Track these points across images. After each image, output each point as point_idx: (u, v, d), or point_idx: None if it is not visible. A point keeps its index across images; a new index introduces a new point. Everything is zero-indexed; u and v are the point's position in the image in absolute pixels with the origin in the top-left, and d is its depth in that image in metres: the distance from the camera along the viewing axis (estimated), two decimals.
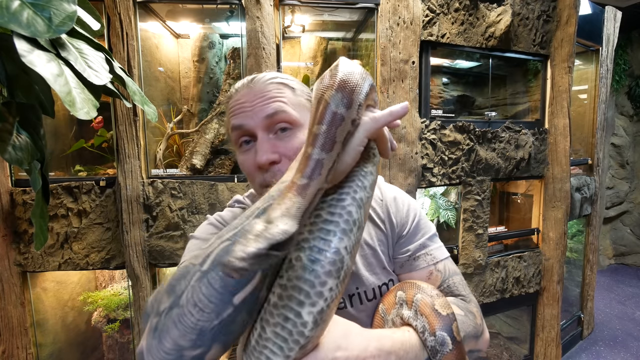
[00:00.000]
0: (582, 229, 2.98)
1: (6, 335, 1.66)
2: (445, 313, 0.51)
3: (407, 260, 0.64)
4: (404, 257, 0.64)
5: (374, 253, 0.65)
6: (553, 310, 2.38)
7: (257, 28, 1.60)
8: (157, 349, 0.35)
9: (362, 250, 0.65)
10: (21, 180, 1.66)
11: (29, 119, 0.67)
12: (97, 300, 1.96)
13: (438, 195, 2.43)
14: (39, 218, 0.71)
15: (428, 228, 0.67)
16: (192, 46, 2.04)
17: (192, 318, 0.34)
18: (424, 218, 0.69)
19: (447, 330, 0.49)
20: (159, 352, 0.35)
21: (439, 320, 0.50)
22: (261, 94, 0.54)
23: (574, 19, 2.16)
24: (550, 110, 2.33)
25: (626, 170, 4.63)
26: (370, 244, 0.65)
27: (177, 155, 1.90)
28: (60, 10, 0.52)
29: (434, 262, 0.63)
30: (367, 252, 0.65)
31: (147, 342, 0.36)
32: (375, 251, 0.65)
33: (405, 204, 0.68)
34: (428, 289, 0.55)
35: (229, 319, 0.34)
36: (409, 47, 1.81)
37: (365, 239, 0.65)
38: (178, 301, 0.35)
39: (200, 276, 0.34)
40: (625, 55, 4.32)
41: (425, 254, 0.64)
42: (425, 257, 0.63)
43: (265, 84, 0.56)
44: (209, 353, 0.35)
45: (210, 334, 0.34)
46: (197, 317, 0.34)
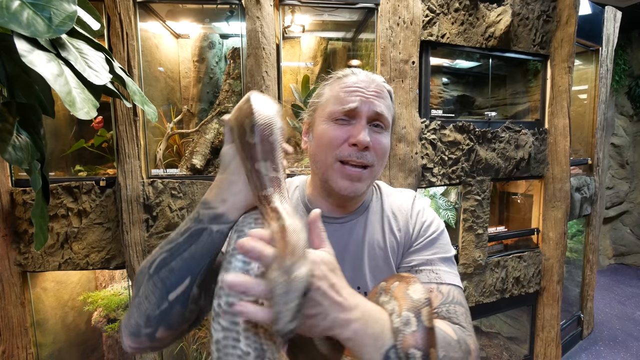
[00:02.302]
0: (582, 229, 2.98)
1: (6, 335, 1.66)
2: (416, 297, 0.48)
3: (409, 271, 0.62)
4: (406, 267, 0.63)
5: (385, 258, 0.65)
6: (553, 310, 2.38)
7: (257, 28, 1.60)
8: (126, 324, 0.48)
9: (372, 252, 0.65)
10: (21, 180, 1.66)
11: (29, 119, 0.67)
12: (97, 300, 1.96)
13: (438, 195, 2.43)
14: (39, 218, 0.71)
15: (445, 250, 0.64)
16: (192, 46, 2.04)
17: (143, 307, 0.46)
18: (445, 240, 0.66)
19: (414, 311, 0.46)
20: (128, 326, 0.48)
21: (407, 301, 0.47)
22: (379, 90, 0.62)
23: (574, 19, 2.16)
24: (550, 110, 2.33)
25: (626, 170, 4.63)
26: (383, 248, 0.65)
27: (177, 155, 1.90)
28: (60, 10, 0.52)
29: (438, 281, 0.59)
30: (377, 254, 0.65)
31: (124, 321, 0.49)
32: (387, 257, 0.65)
33: (428, 218, 0.68)
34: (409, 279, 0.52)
35: (167, 310, 0.46)
36: (409, 47, 1.81)
37: (378, 242, 0.66)
38: (139, 293, 0.48)
39: (148, 278, 0.47)
40: (625, 55, 4.32)
41: (430, 270, 0.61)
42: (428, 274, 0.61)
43: (380, 84, 0.64)
44: (157, 332, 0.47)
45: (155, 320, 0.46)
46: (146, 306, 0.46)
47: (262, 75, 1.62)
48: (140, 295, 0.47)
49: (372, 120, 0.61)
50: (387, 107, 0.62)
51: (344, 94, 0.61)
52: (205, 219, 0.48)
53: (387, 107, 0.63)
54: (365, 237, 0.67)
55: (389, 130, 0.64)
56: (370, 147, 0.59)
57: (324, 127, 0.62)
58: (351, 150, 0.59)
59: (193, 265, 0.47)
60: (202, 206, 0.49)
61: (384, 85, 0.65)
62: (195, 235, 0.47)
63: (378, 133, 0.62)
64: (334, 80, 0.66)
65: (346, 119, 0.61)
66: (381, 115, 0.61)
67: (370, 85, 0.62)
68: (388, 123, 0.63)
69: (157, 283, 0.46)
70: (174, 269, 0.46)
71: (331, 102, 0.63)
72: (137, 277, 0.50)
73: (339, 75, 0.66)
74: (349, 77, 0.63)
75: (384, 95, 0.63)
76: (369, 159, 0.60)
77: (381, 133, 0.62)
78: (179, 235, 0.48)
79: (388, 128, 0.64)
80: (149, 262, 0.48)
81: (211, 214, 0.48)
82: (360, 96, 0.60)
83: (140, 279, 0.48)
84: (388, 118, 0.63)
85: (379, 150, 0.61)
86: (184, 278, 0.46)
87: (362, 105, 0.60)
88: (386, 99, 0.63)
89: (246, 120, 0.46)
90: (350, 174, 0.60)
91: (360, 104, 0.60)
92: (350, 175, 0.60)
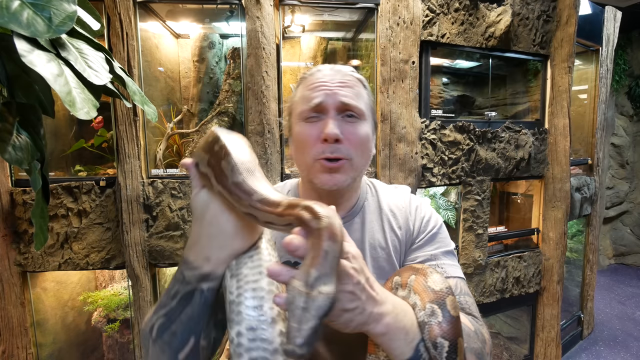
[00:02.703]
0: (582, 229, 2.98)
1: (6, 335, 1.66)
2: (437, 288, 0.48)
3: None
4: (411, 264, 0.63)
5: (388, 258, 0.64)
6: (553, 310, 2.38)
7: (257, 28, 1.60)
8: None
9: (374, 253, 0.65)
10: (21, 180, 1.66)
11: (29, 119, 0.67)
12: (97, 300, 1.96)
13: (438, 195, 2.43)
14: (39, 218, 0.71)
15: (445, 243, 0.65)
16: (192, 46, 2.04)
17: None
18: (444, 234, 0.67)
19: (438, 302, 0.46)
20: None
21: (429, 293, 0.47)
22: (344, 80, 0.61)
23: (574, 19, 2.16)
24: (550, 110, 2.33)
25: (626, 170, 4.63)
26: (385, 248, 0.64)
27: (177, 155, 1.90)
28: (60, 10, 0.52)
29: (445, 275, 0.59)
30: (380, 255, 0.64)
31: None
32: (390, 257, 0.64)
33: (426, 214, 0.67)
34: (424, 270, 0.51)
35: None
36: (409, 47, 1.81)
37: (380, 242, 0.65)
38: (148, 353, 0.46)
39: (152, 342, 0.45)
40: (625, 55, 4.32)
41: (435, 265, 0.61)
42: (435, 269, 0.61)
43: (346, 74, 0.62)
44: None
45: None
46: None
47: (262, 75, 1.62)
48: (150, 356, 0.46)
49: (342, 111, 0.59)
50: (356, 95, 0.60)
51: (309, 92, 0.61)
52: (192, 280, 0.45)
53: (357, 95, 0.61)
54: (365, 238, 0.66)
55: (365, 119, 0.62)
56: (342, 139, 0.58)
57: (298, 128, 0.62)
58: (324, 146, 0.58)
59: (193, 325, 0.45)
60: (185, 267, 0.46)
61: (352, 75, 0.63)
62: (186, 298, 0.45)
63: (351, 123, 0.60)
64: (301, 80, 0.66)
65: (316, 116, 0.60)
66: (349, 105, 0.59)
67: (334, 77, 0.61)
68: (361, 111, 0.60)
69: (163, 347, 0.45)
70: (176, 333, 0.44)
71: (300, 102, 0.63)
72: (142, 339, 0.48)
73: (305, 75, 0.65)
74: (314, 75, 0.63)
75: (352, 84, 0.61)
76: (343, 152, 0.58)
77: (354, 123, 0.60)
78: (170, 299, 0.45)
79: (363, 117, 0.61)
80: (148, 326, 0.46)
81: (197, 275, 0.45)
82: (324, 90, 0.59)
83: (145, 342, 0.47)
84: (359, 106, 0.60)
85: (354, 140, 0.59)
86: (188, 338, 0.45)
87: (327, 99, 0.59)
88: (355, 87, 0.61)
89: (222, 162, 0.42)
90: (328, 167, 0.58)
91: (324, 97, 0.59)
92: (328, 168, 0.59)
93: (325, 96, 0.59)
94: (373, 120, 0.66)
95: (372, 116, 0.66)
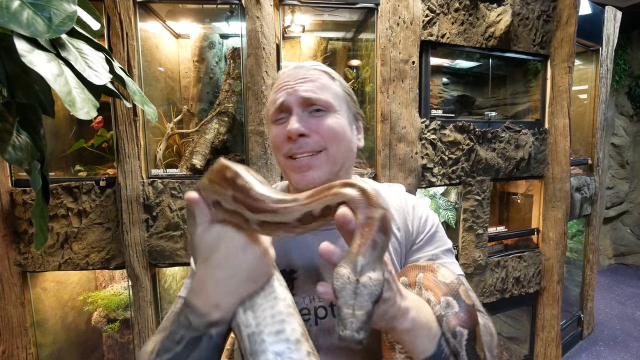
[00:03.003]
0: (582, 229, 2.98)
1: (6, 335, 1.66)
2: (448, 280, 0.48)
3: None
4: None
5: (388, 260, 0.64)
6: (553, 310, 2.38)
7: (257, 28, 1.60)
8: None
9: None
10: (21, 180, 1.66)
11: (29, 119, 0.67)
12: (97, 300, 1.96)
13: (438, 195, 2.43)
14: (39, 218, 0.71)
15: (444, 242, 0.65)
16: (192, 46, 2.04)
17: None
18: (442, 232, 0.67)
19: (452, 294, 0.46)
20: None
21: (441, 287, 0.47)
22: (304, 76, 0.60)
23: (574, 19, 2.16)
24: (550, 110, 2.33)
25: (626, 170, 4.63)
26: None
27: (177, 155, 1.90)
28: (60, 10, 0.52)
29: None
30: None
31: None
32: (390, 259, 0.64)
33: (424, 213, 0.67)
34: (431, 266, 0.52)
35: None
36: (409, 47, 1.81)
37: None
38: None
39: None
40: (625, 55, 4.32)
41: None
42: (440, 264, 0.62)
43: (309, 69, 0.61)
44: None
45: None
46: None
47: (262, 75, 1.62)
48: None
49: (307, 106, 0.58)
50: (320, 88, 0.59)
51: (274, 94, 0.61)
52: (200, 327, 0.42)
53: (321, 87, 0.59)
54: None
55: (335, 110, 0.60)
56: (307, 133, 0.57)
57: (271, 132, 0.62)
58: (290, 144, 0.58)
59: None
60: (191, 313, 0.43)
61: (316, 68, 0.62)
62: (193, 344, 0.42)
63: (319, 117, 0.58)
64: (271, 85, 0.66)
65: (284, 117, 0.60)
66: (310, 99, 0.57)
67: (297, 74, 0.60)
68: (327, 103, 0.59)
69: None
70: None
71: (269, 106, 0.63)
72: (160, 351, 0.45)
73: (273, 79, 0.65)
74: (279, 77, 0.63)
75: (314, 77, 0.60)
76: (312, 145, 0.57)
77: (323, 115, 0.58)
78: (175, 343, 0.42)
79: (332, 108, 0.59)
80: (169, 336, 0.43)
81: (205, 322, 0.42)
82: (286, 89, 0.59)
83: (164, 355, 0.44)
84: (325, 98, 0.58)
85: (324, 132, 0.58)
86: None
87: (288, 97, 0.58)
88: (318, 80, 0.60)
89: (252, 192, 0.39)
90: (297, 166, 0.58)
91: (286, 96, 0.58)
92: (298, 167, 0.58)
93: (287, 95, 0.58)
94: (350, 111, 0.64)
95: (347, 107, 0.63)
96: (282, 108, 0.59)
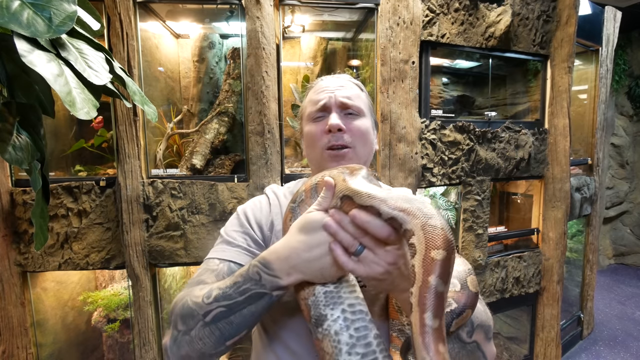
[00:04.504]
0: (582, 229, 2.98)
1: (6, 335, 1.66)
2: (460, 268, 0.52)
3: None
4: None
5: None
6: (553, 310, 2.38)
7: (257, 28, 1.60)
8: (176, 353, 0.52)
9: None
10: (21, 180, 1.66)
11: (29, 119, 0.67)
12: (97, 300, 1.96)
13: (438, 195, 2.43)
14: (39, 218, 0.71)
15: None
16: (192, 46, 2.04)
17: (197, 346, 0.50)
18: None
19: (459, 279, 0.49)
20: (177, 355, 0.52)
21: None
22: (343, 84, 0.72)
23: (573, 19, 2.16)
24: (550, 110, 2.33)
25: (626, 170, 4.63)
26: None
27: (177, 155, 1.90)
28: (60, 10, 0.52)
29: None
30: None
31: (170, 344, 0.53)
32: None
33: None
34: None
35: (222, 351, 0.51)
36: (409, 47, 1.81)
37: None
38: (189, 332, 0.51)
39: (203, 325, 0.50)
40: (625, 55, 4.32)
41: None
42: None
43: (346, 79, 0.74)
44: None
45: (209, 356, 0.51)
46: (200, 346, 0.50)
47: (262, 75, 1.62)
48: (192, 336, 0.50)
49: (343, 109, 0.69)
50: (354, 95, 0.71)
51: (315, 96, 0.72)
52: (268, 285, 0.49)
53: (355, 95, 0.71)
54: None
55: (364, 115, 0.71)
56: (344, 129, 0.67)
57: (307, 128, 0.72)
58: (329, 136, 0.68)
59: (251, 321, 0.50)
60: (264, 270, 0.49)
61: (351, 80, 0.75)
62: (255, 298, 0.49)
63: (351, 118, 0.70)
64: (309, 89, 0.77)
65: (322, 115, 0.70)
66: (347, 103, 0.69)
67: (336, 82, 0.72)
68: (359, 109, 0.71)
69: (214, 331, 0.49)
70: (232, 322, 0.49)
71: (308, 106, 0.73)
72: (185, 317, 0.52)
73: (312, 84, 0.77)
74: (318, 83, 0.75)
75: (350, 86, 0.72)
76: (346, 140, 0.67)
77: (354, 118, 0.70)
78: (238, 294, 0.49)
79: (362, 113, 0.71)
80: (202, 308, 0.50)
81: (274, 284, 0.49)
82: (327, 92, 0.70)
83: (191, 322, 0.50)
84: (357, 104, 0.70)
85: (355, 131, 0.69)
86: (241, 331, 0.50)
87: (329, 99, 0.69)
88: (352, 89, 0.72)
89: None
90: (336, 155, 0.67)
91: (327, 99, 0.69)
92: (336, 156, 0.67)
93: (329, 98, 0.69)
94: (372, 118, 0.75)
95: (371, 115, 0.75)
96: (324, 108, 0.69)
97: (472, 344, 0.52)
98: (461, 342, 0.51)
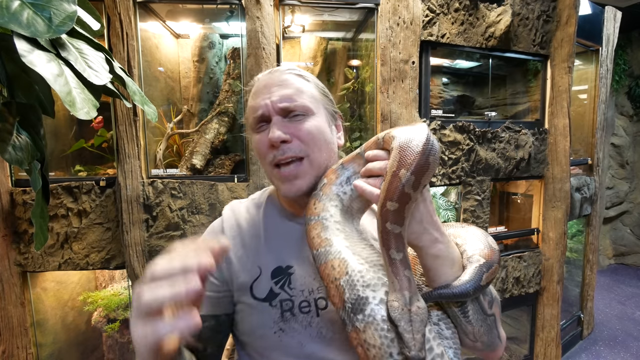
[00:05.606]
0: (582, 229, 2.98)
1: (6, 335, 1.66)
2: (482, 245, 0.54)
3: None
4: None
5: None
6: (553, 310, 2.38)
7: (257, 28, 1.60)
8: None
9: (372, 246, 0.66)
10: (21, 180, 1.66)
11: (29, 119, 0.67)
12: (97, 300, 1.96)
13: (438, 195, 2.43)
14: (39, 218, 0.71)
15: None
16: (192, 46, 2.04)
17: None
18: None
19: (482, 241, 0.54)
20: None
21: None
22: (279, 81, 0.61)
23: (574, 19, 2.16)
24: (550, 110, 2.33)
25: (626, 170, 4.63)
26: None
27: (177, 155, 1.90)
28: (60, 10, 0.52)
29: None
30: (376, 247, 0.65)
31: None
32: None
33: None
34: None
35: None
36: (409, 47, 1.81)
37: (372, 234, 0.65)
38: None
39: None
40: (625, 56, 4.32)
41: None
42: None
43: (283, 73, 0.62)
44: None
45: None
46: None
47: None
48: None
49: (286, 114, 0.59)
50: (296, 92, 0.60)
51: (252, 102, 0.62)
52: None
53: (297, 92, 0.60)
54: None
55: (312, 113, 0.61)
56: (289, 139, 0.58)
57: (253, 139, 0.63)
58: (274, 151, 0.58)
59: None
60: None
61: (290, 73, 0.63)
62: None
63: (297, 122, 0.59)
64: (248, 92, 0.66)
65: (264, 125, 0.61)
66: (288, 107, 0.59)
67: (272, 79, 0.61)
68: (305, 107, 0.60)
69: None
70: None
71: (249, 113, 0.64)
72: None
73: (250, 86, 0.66)
74: (255, 84, 0.64)
75: (290, 81, 0.61)
76: (295, 150, 0.58)
77: (301, 120, 0.59)
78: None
79: (309, 112, 0.60)
80: None
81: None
82: (263, 97, 0.60)
83: None
84: (302, 102, 0.60)
85: (304, 137, 0.59)
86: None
87: (266, 108, 0.59)
88: (293, 85, 0.61)
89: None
90: (284, 176, 0.59)
91: (264, 107, 0.59)
92: (285, 177, 0.59)
93: (265, 106, 0.59)
94: (326, 109, 0.65)
95: (324, 106, 0.64)
96: (263, 118, 0.60)
97: (491, 317, 0.52)
98: (484, 313, 0.51)
